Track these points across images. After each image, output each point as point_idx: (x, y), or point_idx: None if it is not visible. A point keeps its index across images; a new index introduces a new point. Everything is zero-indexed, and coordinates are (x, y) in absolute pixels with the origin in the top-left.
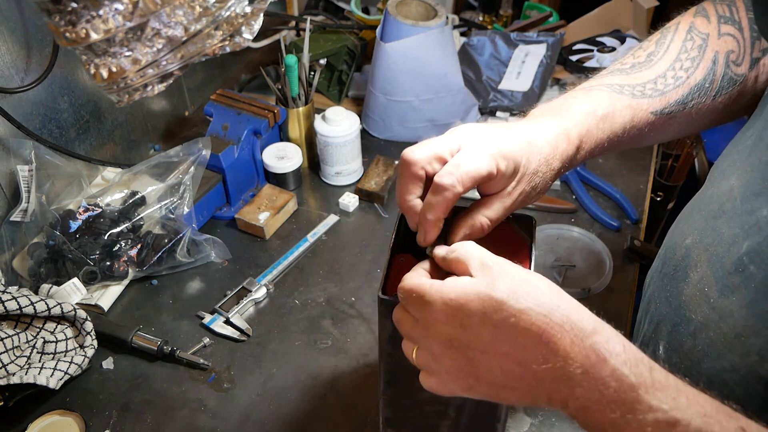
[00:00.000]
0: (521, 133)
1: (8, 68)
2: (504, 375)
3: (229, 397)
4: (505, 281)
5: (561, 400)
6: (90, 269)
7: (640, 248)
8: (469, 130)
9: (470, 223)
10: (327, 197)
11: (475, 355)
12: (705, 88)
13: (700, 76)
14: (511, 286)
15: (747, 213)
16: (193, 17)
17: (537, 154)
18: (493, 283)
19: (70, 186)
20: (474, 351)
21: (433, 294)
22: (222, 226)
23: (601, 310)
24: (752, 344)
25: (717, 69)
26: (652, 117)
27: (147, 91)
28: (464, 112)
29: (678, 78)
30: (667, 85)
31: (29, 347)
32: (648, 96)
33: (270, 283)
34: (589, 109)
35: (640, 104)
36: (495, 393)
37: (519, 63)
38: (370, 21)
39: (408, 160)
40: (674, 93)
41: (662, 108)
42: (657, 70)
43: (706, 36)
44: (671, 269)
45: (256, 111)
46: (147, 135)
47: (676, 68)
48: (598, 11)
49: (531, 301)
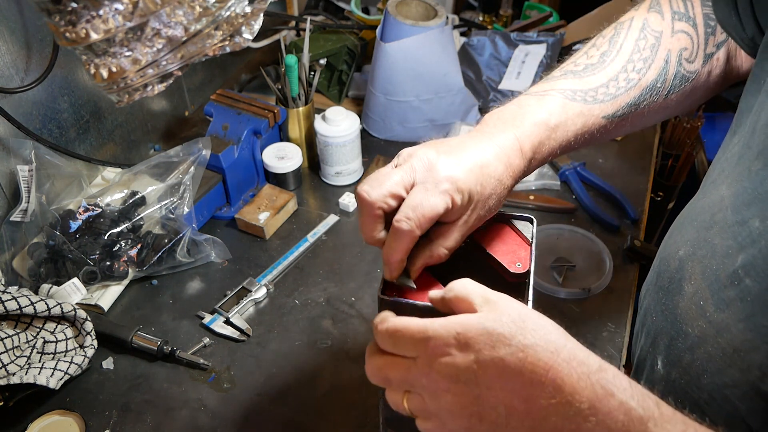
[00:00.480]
0: (474, 156)
1: (8, 68)
2: (508, 413)
3: (229, 397)
4: (512, 316)
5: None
6: (90, 269)
7: (640, 248)
8: (421, 160)
9: (428, 254)
10: (327, 197)
11: (480, 392)
12: (657, 88)
13: (652, 76)
14: (518, 321)
15: (738, 224)
16: (193, 17)
17: (490, 177)
18: (500, 318)
19: (70, 186)
20: (480, 387)
21: (438, 328)
22: (222, 226)
23: (601, 310)
24: (752, 359)
25: (669, 68)
26: (603, 121)
27: (147, 91)
28: (464, 112)
29: (630, 80)
30: (619, 88)
31: (29, 347)
32: (600, 101)
33: (270, 283)
34: (542, 119)
35: (591, 110)
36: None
37: (519, 63)
38: (370, 21)
39: (364, 201)
40: (626, 96)
41: (614, 112)
42: (609, 72)
43: (659, 34)
44: (666, 281)
45: (256, 111)
46: (147, 135)
47: (628, 70)
48: (598, 11)
49: (538, 337)
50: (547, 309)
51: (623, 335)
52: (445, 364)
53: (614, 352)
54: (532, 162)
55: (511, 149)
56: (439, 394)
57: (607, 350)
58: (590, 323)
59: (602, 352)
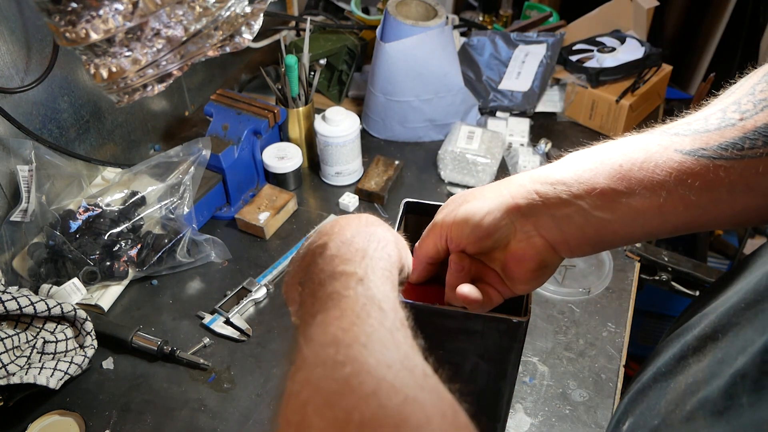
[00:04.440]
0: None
1: (8, 68)
2: (302, 258)
3: (229, 397)
4: (351, 223)
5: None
6: (90, 269)
7: (640, 248)
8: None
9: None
10: (327, 197)
11: (301, 253)
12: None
13: (764, 120)
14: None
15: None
16: (193, 17)
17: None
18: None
19: (70, 186)
20: (301, 249)
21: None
22: (222, 226)
23: (601, 310)
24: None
25: None
26: (680, 157)
27: (147, 91)
28: (464, 112)
29: (726, 119)
30: (708, 125)
31: (29, 347)
32: (672, 134)
33: (270, 283)
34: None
35: (661, 141)
36: None
37: (519, 63)
38: (370, 21)
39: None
40: (717, 135)
41: (693, 148)
42: (701, 113)
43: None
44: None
45: (256, 111)
46: (147, 135)
47: (727, 110)
48: (598, 11)
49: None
50: (547, 309)
51: (623, 335)
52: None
53: (614, 352)
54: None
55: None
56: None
57: (607, 350)
58: (590, 323)
59: (602, 352)
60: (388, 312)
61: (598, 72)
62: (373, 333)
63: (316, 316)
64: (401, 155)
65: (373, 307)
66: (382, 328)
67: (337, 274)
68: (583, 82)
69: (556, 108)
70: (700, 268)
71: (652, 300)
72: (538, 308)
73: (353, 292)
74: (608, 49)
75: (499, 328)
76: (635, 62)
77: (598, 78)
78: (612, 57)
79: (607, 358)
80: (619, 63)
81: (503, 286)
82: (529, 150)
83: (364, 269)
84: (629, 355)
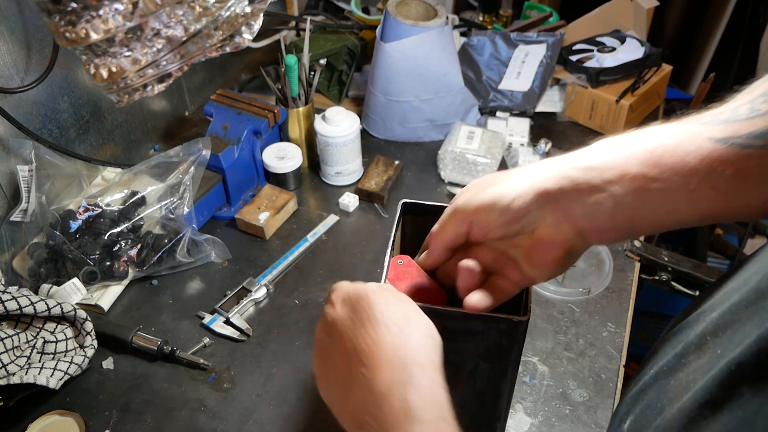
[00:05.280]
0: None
1: (8, 68)
2: (336, 366)
3: (229, 397)
4: (397, 313)
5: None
6: (90, 269)
7: (640, 248)
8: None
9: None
10: (327, 197)
11: (331, 342)
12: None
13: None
14: (396, 318)
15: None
16: (193, 17)
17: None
18: (387, 305)
19: (70, 186)
20: (333, 337)
21: (342, 284)
22: (222, 226)
23: (601, 310)
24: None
25: None
26: (712, 145)
27: (147, 91)
28: (464, 112)
29: (754, 110)
30: (738, 115)
31: (29, 347)
32: (703, 123)
33: (270, 283)
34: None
35: (690, 129)
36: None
37: (519, 63)
38: (370, 21)
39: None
40: (747, 124)
41: (725, 136)
42: (728, 105)
43: None
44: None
45: (256, 111)
46: (147, 135)
47: (755, 102)
48: (598, 11)
49: (395, 339)
50: (547, 309)
51: (623, 335)
52: (325, 311)
53: (614, 352)
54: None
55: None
56: (317, 333)
57: (607, 350)
58: (590, 323)
59: (602, 352)
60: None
61: (598, 72)
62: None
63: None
64: (401, 155)
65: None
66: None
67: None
68: (583, 82)
69: (556, 108)
70: (700, 268)
71: (652, 300)
72: (538, 308)
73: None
74: (608, 49)
75: (499, 328)
76: (635, 62)
77: (598, 78)
78: (612, 57)
79: (607, 358)
80: (619, 63)
81: (520, 276)
82: (529, 150)
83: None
84: (629, 355)
